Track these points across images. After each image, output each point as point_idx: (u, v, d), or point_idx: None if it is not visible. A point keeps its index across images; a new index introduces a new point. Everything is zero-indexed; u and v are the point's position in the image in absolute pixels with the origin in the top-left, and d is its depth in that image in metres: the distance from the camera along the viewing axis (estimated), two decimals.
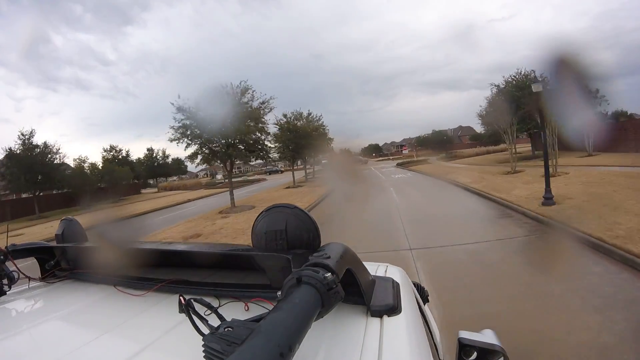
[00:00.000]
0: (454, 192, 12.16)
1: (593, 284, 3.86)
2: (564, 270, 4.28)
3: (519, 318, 3.24)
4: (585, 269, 4.28)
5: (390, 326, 0.62)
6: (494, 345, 0.84)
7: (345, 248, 0.63)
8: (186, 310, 0.54)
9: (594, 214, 6.12)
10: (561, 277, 4.02)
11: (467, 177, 14.67)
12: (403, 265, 1.34)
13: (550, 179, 7.82)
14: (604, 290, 3.66)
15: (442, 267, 4.88)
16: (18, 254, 1.03)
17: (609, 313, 3.19)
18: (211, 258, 0.91)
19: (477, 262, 4.93)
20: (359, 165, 9.47)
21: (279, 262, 0.70)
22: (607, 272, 4.15)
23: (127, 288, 0.89)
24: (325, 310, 0.48)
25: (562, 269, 4.28)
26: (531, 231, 6.29)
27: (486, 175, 14.69)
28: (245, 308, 0.72)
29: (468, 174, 15.93)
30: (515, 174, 13.94)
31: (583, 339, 2.83)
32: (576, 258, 4.74)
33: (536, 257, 5.14)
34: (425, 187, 14.66)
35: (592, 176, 10.37)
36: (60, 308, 0.90)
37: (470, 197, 10.74)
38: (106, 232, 1.02)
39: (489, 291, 3.93)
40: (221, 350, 0.40)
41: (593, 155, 16.46)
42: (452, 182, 14.13)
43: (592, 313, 3.22)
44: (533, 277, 4.17)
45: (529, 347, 2.72)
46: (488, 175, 14.36)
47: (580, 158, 15.88)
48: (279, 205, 0.82)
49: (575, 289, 3.72)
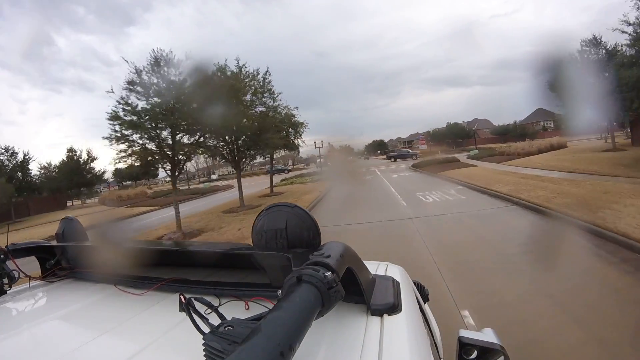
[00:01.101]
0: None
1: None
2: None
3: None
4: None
5: (390, 325, 0.62)
6: (494, 344, 0.84)
7: (346, 247, 0.63)
8: (186, 309, 0.54)
9: None
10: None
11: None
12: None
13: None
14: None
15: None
16: (18, 253, 1.03)
17: None
18: (211, 257, 0.91)
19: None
20: (357, 168, 5.80)
21: (279, 261, 0.70)
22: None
23: (127, 287, 0.89)
24: (325, 309, 0.48)
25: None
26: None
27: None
28: (245, 307, 0.72)
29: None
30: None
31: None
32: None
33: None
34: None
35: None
36: (61, 307, 0.90)
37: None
38: (107, 232, 1.02)
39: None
40: (221, 349, 0.40)
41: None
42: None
43: None
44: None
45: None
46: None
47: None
48: (279, 204, 0.82)
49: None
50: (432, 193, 10.35)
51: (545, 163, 14.03)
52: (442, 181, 13.13)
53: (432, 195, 9.96)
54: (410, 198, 9.87)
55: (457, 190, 10.59)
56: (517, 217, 6.61)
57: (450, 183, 12.28)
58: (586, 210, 5.83)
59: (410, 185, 12.83)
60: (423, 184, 12.91)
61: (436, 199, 9.47)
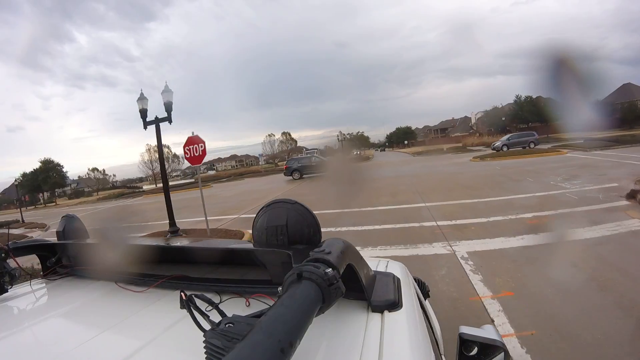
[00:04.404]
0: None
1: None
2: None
3: None
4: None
5: (391, 321, 0.62)
6: (495, 341, 0.84)
7: (346, 243, 0.63)
8: (187, 306, 0.54)
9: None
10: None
11: None
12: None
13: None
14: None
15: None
16: (19, 251, 1.03)
17: None
18: (212, 254, 0.91)
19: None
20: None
21: (280, 258, 0.70)
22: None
23: (128, 284, 0.89)
24: (326, 305, 0.47)
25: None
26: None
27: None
28: (246, 304, 0.72)
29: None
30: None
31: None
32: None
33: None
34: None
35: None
36: (62, 305, 0.90)
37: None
38: (107, 230, 1.02)
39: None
40: (222, 346, 0.40)
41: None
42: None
43: None
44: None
45: None
46: None
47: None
48: (280, 200, 0.82)
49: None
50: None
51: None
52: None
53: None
54: None
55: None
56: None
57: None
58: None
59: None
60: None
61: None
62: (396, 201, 8.86)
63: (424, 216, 6.90)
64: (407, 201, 8.66)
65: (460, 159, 20.78)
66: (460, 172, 13.94)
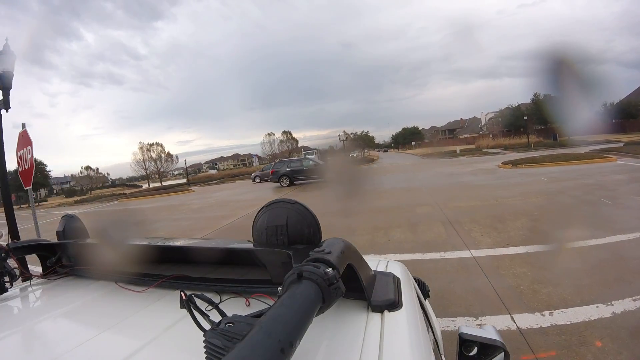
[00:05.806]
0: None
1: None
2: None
3: None
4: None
5: (391, 321, 0.62)
6: (495, 341, 0.84)
7: (346, 243, 0.63)
8: (187, 306, 0.54)
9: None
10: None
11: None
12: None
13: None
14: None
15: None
16: (19, 251, 1.03)
17: None
18: (212, 254, 0.91)
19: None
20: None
21: (280, 258, 0.70)
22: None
23: (128, 284, 0.89)
24: (326, 305, 0.47)
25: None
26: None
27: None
28: (246, 303, 0.72)
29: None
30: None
31: None
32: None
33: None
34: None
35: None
36: (62, 305, 0.90)
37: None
38: (107, 229, 1.02)
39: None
40: (222, 346, 0.40)
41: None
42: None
43: None
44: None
45: None
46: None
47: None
48: (280, 200, 0.82)
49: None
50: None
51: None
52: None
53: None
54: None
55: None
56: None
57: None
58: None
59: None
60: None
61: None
62: (418, 241, 5.10)
63: (480, 289, 3.25)
64: (436, 242, 4.93)
65: (484, 164, 16.51)
66: (497, 186, 9.51)
